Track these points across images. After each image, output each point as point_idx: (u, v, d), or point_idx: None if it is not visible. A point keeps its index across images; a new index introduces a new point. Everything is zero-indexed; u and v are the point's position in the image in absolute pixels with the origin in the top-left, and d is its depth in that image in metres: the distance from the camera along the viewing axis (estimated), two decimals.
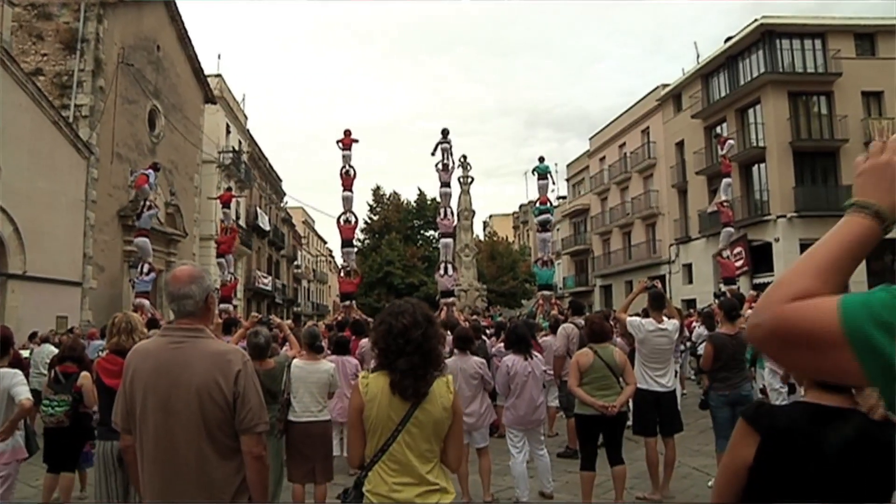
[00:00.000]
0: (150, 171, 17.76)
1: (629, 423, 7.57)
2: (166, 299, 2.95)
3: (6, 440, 4.92)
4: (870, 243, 1.10)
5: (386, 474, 2.71)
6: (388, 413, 2.73)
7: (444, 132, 19.81)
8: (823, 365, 1.02)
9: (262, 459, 2.75)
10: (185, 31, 28.52)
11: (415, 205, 45.75)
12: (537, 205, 20.94)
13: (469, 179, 23.87)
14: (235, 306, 20.87)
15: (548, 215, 19.74)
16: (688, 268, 34.12)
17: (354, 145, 19.72)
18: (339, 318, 16.21)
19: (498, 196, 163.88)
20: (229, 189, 23.91)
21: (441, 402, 2.79)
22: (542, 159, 19.96)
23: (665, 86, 36.80)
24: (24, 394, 4.89)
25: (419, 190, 46.82)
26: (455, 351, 7.01)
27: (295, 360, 6.10)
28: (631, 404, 8.07)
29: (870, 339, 0.94)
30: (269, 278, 41.54)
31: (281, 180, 48.65)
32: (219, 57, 63.82)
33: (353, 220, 19.76)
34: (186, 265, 2.97)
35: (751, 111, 29.58)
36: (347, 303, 18.48)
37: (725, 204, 19.40)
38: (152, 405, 2.67)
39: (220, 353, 2.76)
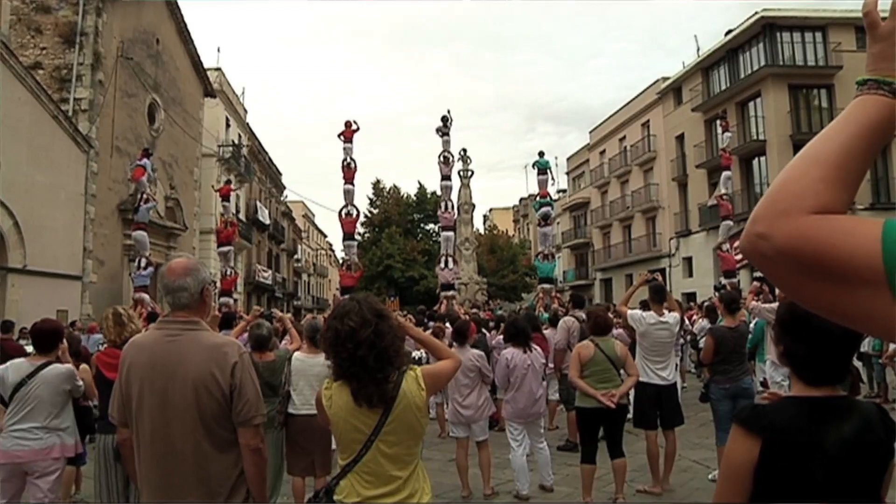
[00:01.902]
0: (144, 160, 17.62)
1: (629, 416, 7.56)
2: (161, 291, 2.93)
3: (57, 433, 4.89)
4: (890, 129, 0.89)
5: (359, 485, 2.57)
6: (357, 426, 2.56)
7: (444, 119, 19.74)
8: (847, 304, 0.80)
9: (260, 452, 2.72)
10: (185, 25, 28.45)
11: (415, 198, 45.70)
12: (538, 198, 20.87)
13: (469, 173, 23.84)
14: (236, 300, 20.83)
15: (548, 209, 19.64)
16: (688, 261, 34.10)
17: (356, 138, 19.65)
18: None
19: (498, 190, 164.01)
20: (228, 182, 23.82)
21: (414, 403, 2.60)
22: (542, 154, 19.86)
23: (665, 79, 36.71)
24: (78, 383, 4.99)
25: (419, 183, 46.81)
26: (454, 344, 7.03)
27: (296, 353, 6.11)
28: (631, 397, 8.09)
29: None
30: (270, 272, 41.54)
31: (281, 174, 48.61)
32: (218, 50, 63.87)
33: (355, 213, 19.69)
34: (182, 257, 2.94)
35: (751, 104, 29.55)
36: (347, 296, 18.42)
37: (725, 197, 19.35)
38: (149, 399, 2.65)
39: (216, 345, 2.73)
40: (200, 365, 2.64)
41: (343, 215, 19.15)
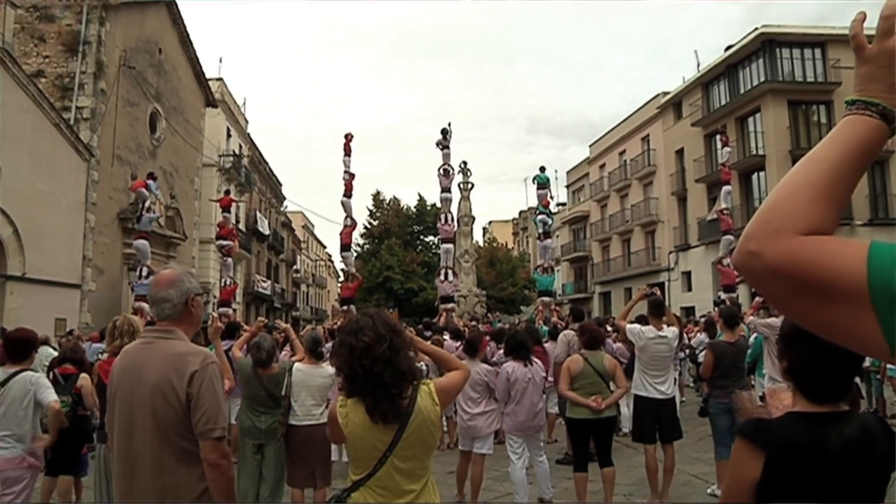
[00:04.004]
0: (150, 181, 17.78)
1: (628, 430, 7.54)
2: (148, 303, 2.97)
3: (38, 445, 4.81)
4: (876, 149, 0.92)
5: (372, 498, 2.54)
6: (374, 443, 2.54)
7: (444, 132, 19.80)
8: (832, 321, 0.84)
9: (220, 468, 2.61)
10: (187, 35, 28.57)
11: (415, 210, 45.73)
12: (538, 208, 20.87)
13: (469, 185, 23.89)
14: (234, 310, 20.81)
15: (545, 216, 19.70)
16: (687, 275, 34.12)
17: (354, 147, 19.68)
18: (339, 323, 16.18)
19: (498, 202, 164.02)
20: (228, 192, 23.86)
21: (429, 418, 2.60)
22: (542, 169, 19.93)
23: (665, 94, 36.88)
24: (51, 397, 4.79)
25: (419, 195, 46.81)
26: (465, 356, 7.05)
27: (296, 364, 6.09)
28: (625, 409, 8.10)
29: None
30: (269, 282, 41.49)
31: (281, 184, 48.66)
32: (220, 61, 64.41)
33: (350, 223, 19.72)
34: (169, 269, 2.98)
35: (751, 120, 29.69)
36: (346, 307, 18.41)
37: (725, 212, 19.40)
38: (119, 405, 2.67)
39: (180, 353, 2.69)
40: (161, 372, 2.62)
41: (342, 227, 19.23)
